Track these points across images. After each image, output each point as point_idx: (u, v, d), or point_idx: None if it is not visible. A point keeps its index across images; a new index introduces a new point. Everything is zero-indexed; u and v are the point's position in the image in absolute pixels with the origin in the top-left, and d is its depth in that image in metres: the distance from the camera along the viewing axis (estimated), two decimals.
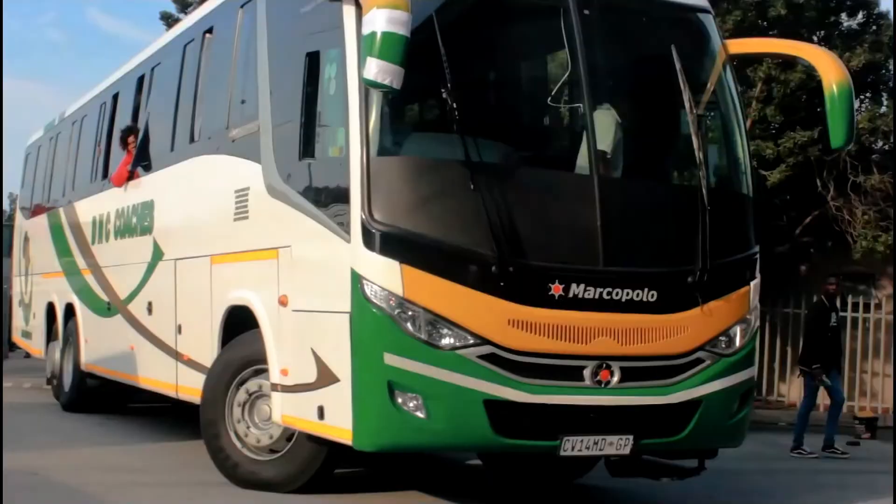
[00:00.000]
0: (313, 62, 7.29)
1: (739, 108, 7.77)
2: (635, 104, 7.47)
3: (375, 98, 6.63)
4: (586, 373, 6.75)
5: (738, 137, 7.64)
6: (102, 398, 12.94)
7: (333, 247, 6.84)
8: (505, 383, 6.56)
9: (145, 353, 10.52)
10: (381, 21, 6.10)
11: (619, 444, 6.87)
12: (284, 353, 7.50)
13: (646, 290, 6.87)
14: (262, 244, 7.90)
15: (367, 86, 6.22)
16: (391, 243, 6.52)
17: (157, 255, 10.23)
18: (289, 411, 7.46)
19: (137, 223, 10.85)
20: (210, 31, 9.53)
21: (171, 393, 9.92)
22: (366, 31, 6.18)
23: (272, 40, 8.05)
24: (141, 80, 11.48)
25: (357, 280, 6.56)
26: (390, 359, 6.44)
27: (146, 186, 10.73)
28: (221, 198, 8.66)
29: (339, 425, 6.77)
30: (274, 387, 7.63)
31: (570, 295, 6.69)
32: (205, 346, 8.91)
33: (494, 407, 6.55)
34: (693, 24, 7.71)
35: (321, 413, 6.96)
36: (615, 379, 6.80)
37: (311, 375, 7.11)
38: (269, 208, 7.77)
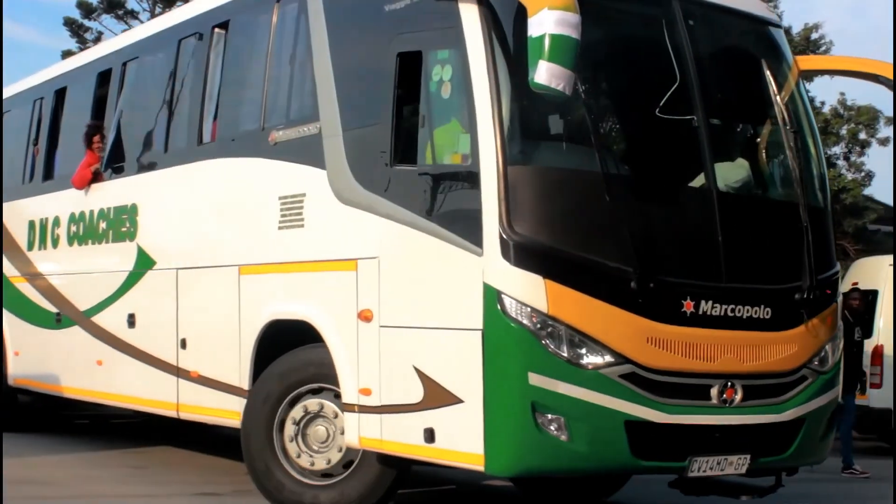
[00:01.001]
0: (409, 62, 6.87)
1: (814, 123, 7.80)
2: (736, 117, 7.38)
3: (507, 104, 6.30)
4: (713, 392, 6.59)
5: (816, 152, 7.66)
6: (35, 415, 12.01)
7: (453, 260, 6.44)
8: (644, 403, 6.33)
9: (122, 368, 9.74)
10: (551, 23, 5.78)
11: (737, 464, 6.74)
12: (366, 372, 7.04)
13: (762, 306, 6.77)
14: (330, 255, 7.39)
15: (535, 90, 5.88)
16: (534, 257, 6.18)
17: (144, 263, 9.49)
18: (371, 433, 7.00)
19: (109, 228, 10.04)
20: (223, 25, 8.90)
21: (164, 412, 9.22)
22: (534, 32, 5.84)
23: (336, 39, 7.55)
24: (104, 75, 10.65)
25: (494, 295, 6.19)
26: (535, 378, 6.11)
27: (122, 190, 9.94)
28: (257, 204, 8.09)
29: (462, 449, 6.37)
30: (348, 407, 7.16)
31: (700, 312, 6.52)
32: (227, 363, 8.30)
33: (634, 428, 6.32)
34: (772, 37, 7.69)
35: (430, 436, 6.55)
36: (738, 397, 6.66)
37: (412, 396, 6.68)
38: (340, 217, 7.28)
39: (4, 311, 11.98)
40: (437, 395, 6.54)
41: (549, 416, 6.16)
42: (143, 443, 11.68)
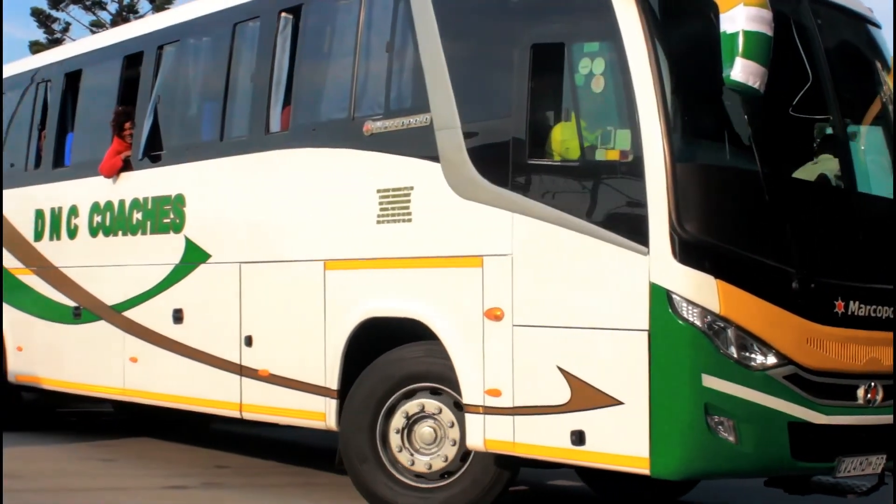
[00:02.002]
0: (546, 55, 6.68)
1: None
2: (860, 117, 7.38)
3: (671, 100, 6.16)
4: (860, 392, 6.58)
5: None
6: (40, 413, 11.45)
7: (611, 259, 6.28)
8: (805, 405, 6.27)
9: (165, 366, 9.31)
10: (746, 19, 5.69)
11: (876, 464, 6.75)
12: (495, 372, 6.83)
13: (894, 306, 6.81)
14: (446, 251, 7.15)
15: (730, 87, 5.77)
16: (705, 256, 6.06)
17: (195, 256, 9.05)
18: (499, 435, 6.80)
19: (147, 219, 9.56)
20: (292, 10, 8.53)
21: (222, 411, 8.84)
22: (728, 29, 5.74)
23: (449, 29, 7.26)
24: (133, 59, 10.14)
25: (663, 296, 6.05)
26: (708, 380, 5.99)
27: (163, 179, 9.48)
28: (347, 197, 7.78)
29: (621, 452, 6.23)
30: (471, 408, 6.94)
31: (849, 312, 6.51)
32: (309, 361, 7.99)
33: (795, 429, 6.26)
34: (880, 38, 7.73)
35: (579, 438, 6.39)
36: (879, 397, 6.67)
37: (556, 397, 6.50)
38: (459, 212, 7.04)
39: (5, 306, 11.37)
40: (587, 397, 6.38)
41: (720, 417, 6.06)
42: (114, 435, 11.49)
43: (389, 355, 7.49)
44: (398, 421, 7.39)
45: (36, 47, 33.44)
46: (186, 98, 9.68)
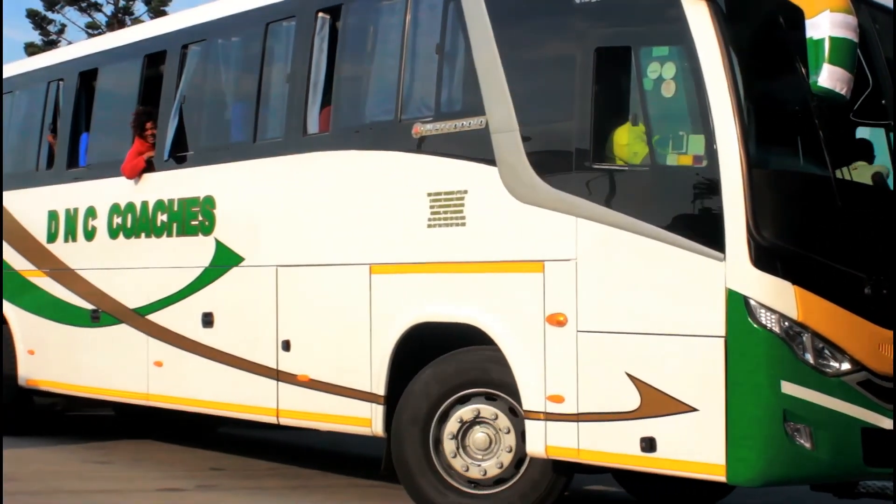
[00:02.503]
0: (611, 59, 6.64)
1: None
2: None
3: (746, 106, 6.14)
4: None
5: None
6: (53, 418, 11.25)
7: (684, 264, 6.24)
8: (877, 410, 6.28)
9: (193, 371, 9.17)
10: (832, 25, 5.68)
11: None
12: (557, 378, 6.78)
13: None
14: (503, 255, 7.08)
15: (817, 94, 5.76)
16: (782, 262, 6.05)
17: (227, 259, 8.92)
18: (562, 442, 6.74)
19: (172, 221, 9.40)
20: (330, 10, 8.40)
21: (257, 417, 8.72)
22: (814, 35, 5.73)
23: (505, 31, 7.18)
24: (154, 58, 9.97)
25: (740, 302, 6.02)
26: (787, 387, 5.98)
27: (191, 181, 9.33)
28: (394, 200, 7.70)
29: (695, 459, 6.19)
30: (532, 415, 6.88)
31: None
32: (353, 366, 7.89)
33: (868, 435, 6.27)
34: None
35: (649, 445, 6.35)
36: None
37: (625, 404, 6.46)
38: (518, 216, 6.97)
39: (14, 308, 11.17)
40: (659, 404, 6.34)
41: (798, 424, 6.05)
42: (110, 437, 11.40)
43: (443, 360, 7.41)
44: (452, 426, 7.32)
45: (31, 49, 33.56)
46: (214, 98, 9.53)
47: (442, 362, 7.41)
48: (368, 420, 7.82)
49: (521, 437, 7.18)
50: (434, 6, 7.73)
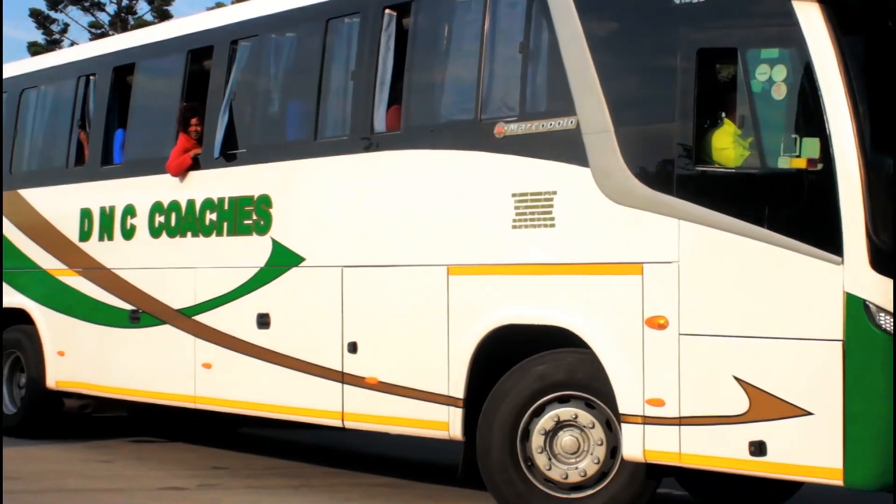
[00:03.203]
0: (715, 60, 6.60)
1: None
2: None
3: (861, 108, 6.11)
4: None
5: None
6: (83, 421, 11.01)
7: (798, 268, 6.19)
8: None
9: (246, 373, 8.99)
10: None
11: None
12: (657, 382, 6.71)
13: None
14: (597, 257, 7.00)
15: None
16: None
17: (285, 259, 8.75)
18: (662, 446, 6.68)
19: (223, 220, 9.22)
20: (398, 7, 8.27)
21: (320, 420, 8.56)
22: None
23: (597, 31, 7.12)
24: (200, 53, 9.76)
25: (859, 305, 5.99)
26: None
27: (244, 179, 9.14)
28: (475, 201, 7.59)
29: (809, 463, 6.16)
30: (629, 418, 6.82)
31: None
32: (429, 369, 7.79)
33: None
34: None
35: (759, 449, 6.30)
36: None
37: (732, 407, 6.40)
38: (613, 218, 6.89)
39: (40, 308, 10.91)
40: (769, 407, 6.30)
41: None
42: (112, 436, 11.28)
43: (532, 361, 7.32)
44: (542, 427, 7.22)
45: (34, 48, 33.61)
46: (267, 96, 9.35)
47: (531, 364, 7.32)
48: (445, 423, 7.71)
49: (611, 450, 7.13)
50: (516, 4, 7.63)
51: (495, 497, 7.43)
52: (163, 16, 36.08)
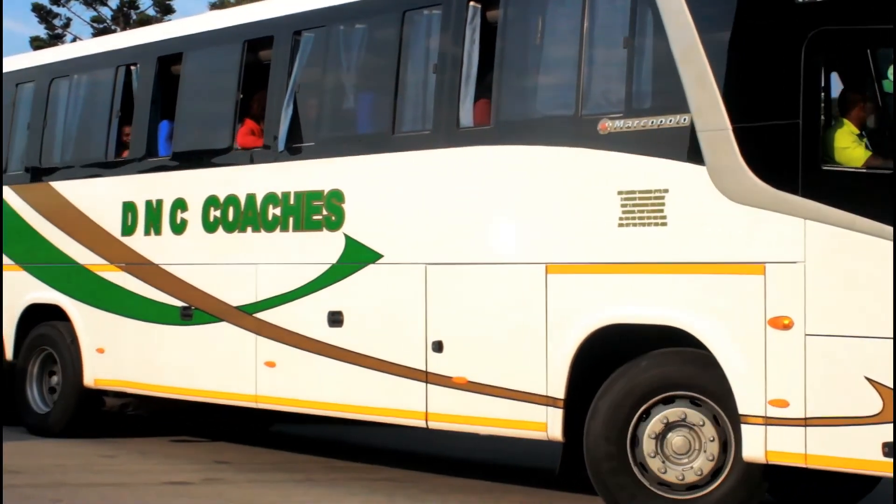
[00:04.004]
0: (847, 59, 6.56)
1: None
2: None
3: None
4: None
5: None
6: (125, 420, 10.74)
7: None
8: None
9: (317, 372, 8.79)
10: None
11: None
12: (780, 383, 6.65)
13: None
14: (714, 257, 6.91)
15: None
16: None
17: (360, 256, 8.56)
18: (786, 447, 6.62)
19: (288, 215, 8.99)
20: (482, 0, 8.13)
21: (402, 420, 8.40)
22: None
23: (710, 25, 7.01)
24: (257, 43, 9.51)
25: None
26: None
27: (311, 173, 8.93)
28: (578, 198, 7.47)
29: None
30: (750, 419, 6.74)
31: None
32: (524, 369, 7.66)
33: None
34: None
35: (893, 450, 6.28)
36: None
37: (865, 408, 6.36)
38: (731, 217, 6.81)
39: (76, 304, 10.57)
40: None
41: None
42: (114, 431, 11.11)
43: (643, 360, 7.23)
44: (654, 428, 7.15)
45: (37, 43, 33.54)
46: (336, 88, 9.11)
47: (642, 363, 7.24)
48: (543, 424, 7.59)
49: (722, 444, 7.09)
50: (626, 4, 7.47)
51: (603, 496, 7.35)
52: (165, 11, 36.16)
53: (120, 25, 35.20)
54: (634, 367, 7.26)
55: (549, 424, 7.57)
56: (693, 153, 7.02)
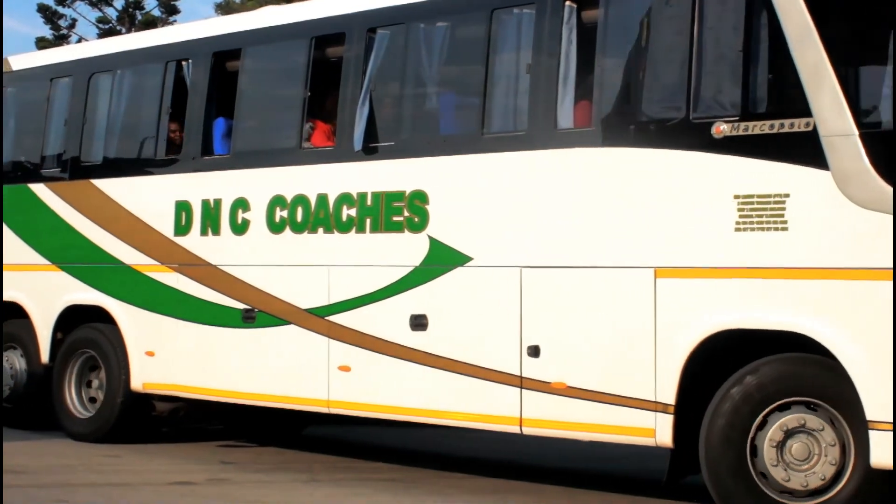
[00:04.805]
0: None
1: None
2: None
3: None
4: None
5: None
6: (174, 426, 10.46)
7: None
8: None
9: (400, 377, 8.61)
10: None
11: None
12: None
13: None
14: (843, 262, 6.81)
15: None
16: None
17: (446, 258, 8.40)
18: None
19: (365, 216, 8.79)
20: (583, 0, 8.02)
21: (495, 426, 8.23)
22: None
23: (833, 25, 6.91)
24: (326, 40, 9.29)
25: None
26: None
27: (391, 173, 8.74)
28: (690, 202, 7.36)
29: None
30: (879, 426, 6.66)
31: None
32: (630, 374, 7.55)
33: None
34: None
35: None
36: None
37: None
38: (859, 223, 6.73)
39: (123, 305, 10.26)
40: None
41: None
42: (162, 437, 10.99)
43: (763, 365, 7.14)
44: (774, 434, 7.07)
45: (42, 44, 33.73)
46: (416, 87, 8.90)
47: (762, 368, 7.15)
48: (650, 430, 7.49)
49: (842, 449, 7.05)
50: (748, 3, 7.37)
51: (721, 502, 7.29)
52: (170, 12, 36.23)
53: (125, 26, 35.20)
54: (751, 372, 7.18)
55: (658, 430, 7.47)
56: (817, 158, 6.94)
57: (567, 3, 8.06)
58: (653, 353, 7.51)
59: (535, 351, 8.01)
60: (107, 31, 34.53)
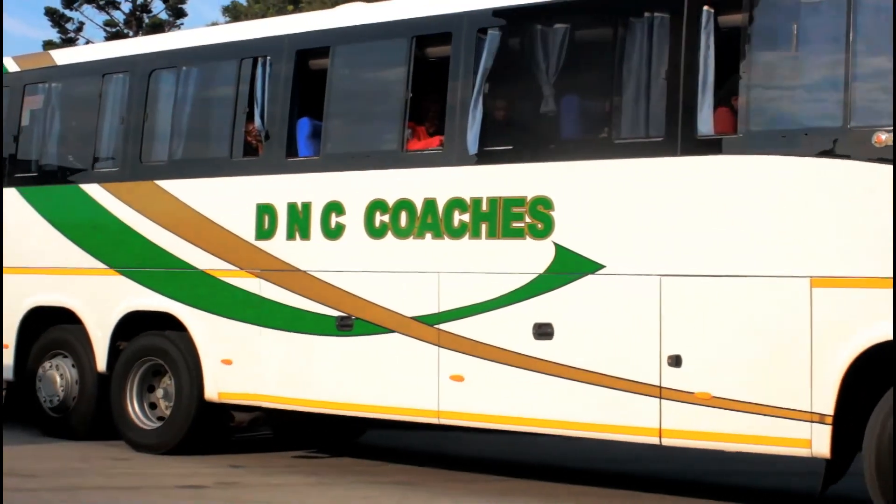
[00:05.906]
0: None
1: None
2: None
3: None
4: None
5: None
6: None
7: None
8: None
9: (521, 387, 8.40)
10: None
11: None
12: None
13: None
14: None
15: None
16: None
17: (573, 265, 8.22)
18: None
19: (481, 222, 8.56)
20: (716, 4, 7.83)
21: (636, 438, 8.08)
22: None
23: None
24: (427, 40, 9.02)
25: None
26: None
27: (507, 178, 8.51)
28: (848, 210, 7.29)
29: None
30: None
31: None
32: (783, 385, 7.49)
33: None
34: None
35: None
36: None
37: None
38: None
39: (196, 312, 9.83)
40: None
41: None
42: (237, 448, 10.79)
43: None
44: None
45: (49, 47, 33.05)
46: (535, 91, 8.61)
47: None
48: (806, 440, 7.43)
49: None
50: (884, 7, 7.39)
51: None
52: (178, 14, 35.80)
53: (132, 29, 34.71)
54: None
55: (814, 441, 7.41)
56: None
57: (705, 7, 7.97)
58: (808, 364, 7.45)
59: (676, 361, 7.89)
60: (114, 35, 34.36)
